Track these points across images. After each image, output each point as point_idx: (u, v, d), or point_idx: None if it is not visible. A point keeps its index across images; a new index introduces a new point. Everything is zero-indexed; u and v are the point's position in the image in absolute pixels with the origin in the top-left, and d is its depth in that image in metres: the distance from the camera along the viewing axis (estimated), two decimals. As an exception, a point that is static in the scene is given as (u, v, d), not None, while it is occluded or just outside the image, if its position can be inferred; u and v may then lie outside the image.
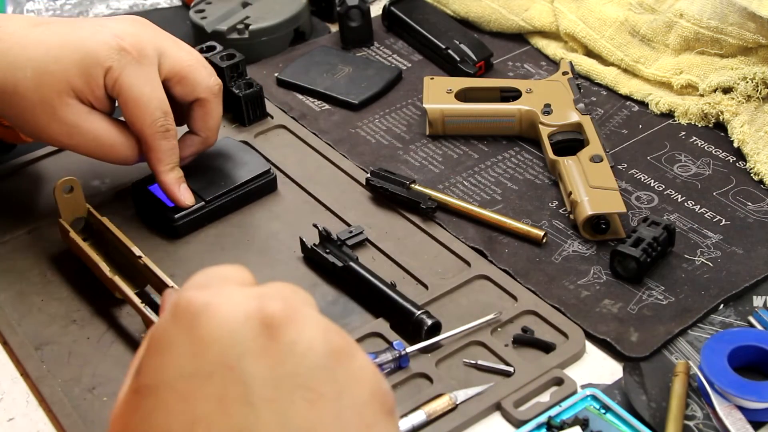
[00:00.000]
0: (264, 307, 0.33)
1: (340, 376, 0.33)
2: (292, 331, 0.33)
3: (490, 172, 0.87)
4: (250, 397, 0.32)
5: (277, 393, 0.32)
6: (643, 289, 0.73)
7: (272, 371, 0.32)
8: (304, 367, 0.33)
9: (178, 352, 0.33)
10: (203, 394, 0.32)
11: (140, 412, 0.33)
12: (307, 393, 0.33)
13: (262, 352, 0.32)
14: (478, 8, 1.05)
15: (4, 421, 0.68)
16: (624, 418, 0.63)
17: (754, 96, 0.88)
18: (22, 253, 0.81)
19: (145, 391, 0.33)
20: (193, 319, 0.33)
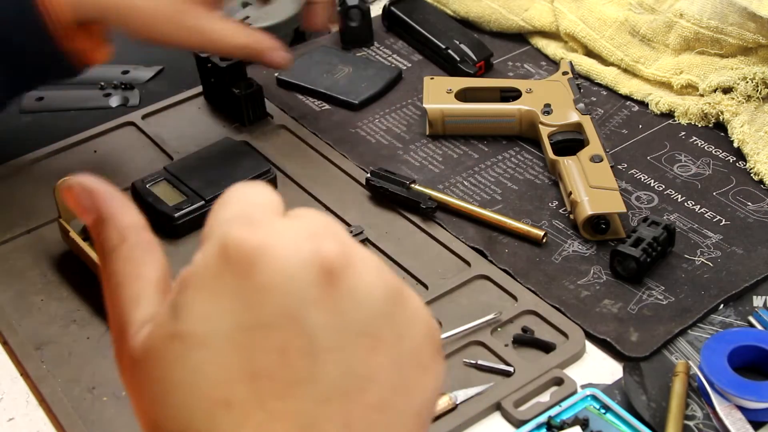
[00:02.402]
0: (320, 250, 0.31)
1: (398, 318, 0.33)
2: (351, 275, 0.32)
3: (490, 172, 0.87)
4: (313, 347, 0.31)
5: (339, 342, 0.31)
6: (643, 289, 0.73)
7: (334, 319, 0.31)
8: (364, 314, 0.32)
9: (231, 300, 0.31)
10: (263, 346, 0.31)
11: (188, 363, 0.31)
12: (368, 340, 0.32)
13: (323, 300, 0.31)
14: (478, 8, 1.05)
15: (4, 421, 0.68)
16: (624, 418, 0.63)
17: (754, 96, 0.88)
18: (22, 253, 0.81)
19: (191, 339, 0.31)
20: (248, 265, 0.31)
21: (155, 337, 0.32)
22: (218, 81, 0.94)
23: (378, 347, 0.32)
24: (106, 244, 0.36)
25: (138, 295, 0.34)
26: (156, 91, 1.02)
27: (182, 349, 0.31)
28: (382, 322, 0.32)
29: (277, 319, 0.31)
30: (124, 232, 0.36)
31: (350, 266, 0.32)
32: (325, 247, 0.32)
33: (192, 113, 0.97)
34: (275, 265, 0.31)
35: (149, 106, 0.98)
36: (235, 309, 0.31)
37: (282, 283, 0.31)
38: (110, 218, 0.36)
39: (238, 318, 0.31)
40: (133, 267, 0.35)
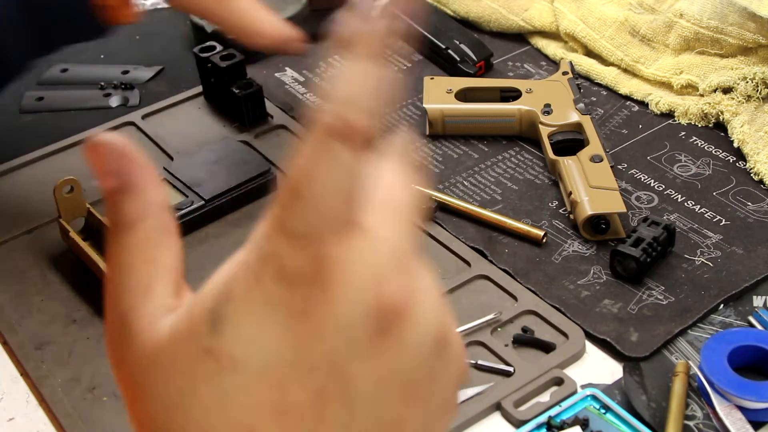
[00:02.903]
0: (383, 296, 0.29)
1: (438, 368, 0.31)
2: (407, 326, 0.29)
3: (490, 172, 0.87)
4: (350, 396, 0.29)
5: (377, 392, 0.30)
6: (643, 289, 0.73)
7: (378, 370, 0.29)
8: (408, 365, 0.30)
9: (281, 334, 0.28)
10: (300, 386, 0.29)
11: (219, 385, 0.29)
12: (406, 390, 0.30)
13: (375, 354, 0.29)
14: (478, 8, 1.05)
15: (4, 421, 0.68)
16: (624, 418, 0.63)
17: (754, 96, 0.88)
18: (22, 253, 0.81)
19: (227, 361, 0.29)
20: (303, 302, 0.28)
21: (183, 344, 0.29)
22: (218, 81, 0.94)
23: (413, 398, 0.31)
24: (123, 218, 0.31)
25: (150, 282, 0.31)
26: (156, 91, 1.02)
27: (215, 369, 0.29)
28: (423, 375, 0.31)
29: (323, 365, 0.29)
30: (147, 208, 0.31)
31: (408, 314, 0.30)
32: (388, 293, 0.29)
33: (192, 113, 0.97)
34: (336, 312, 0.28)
35: (149, 106, 0.98)
36: (282, 342, 0.29)
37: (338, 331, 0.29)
38: (135, 189, 0.31)
39: (283, 352, 0.29)
40: (149, 249, 0.31)
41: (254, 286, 0.29)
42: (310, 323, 0.28)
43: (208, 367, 0.29)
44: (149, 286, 0.31)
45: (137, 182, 0.31)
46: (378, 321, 0.29)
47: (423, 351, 0.30)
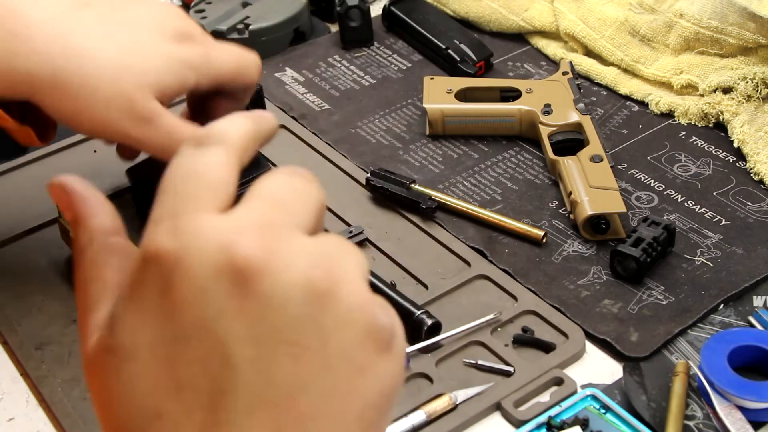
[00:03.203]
0: (235, 255, 0.31)
1: (324, 322, 0.31)
2: (267, 280, 0.31)
3: (490, 172, 0.87)
4: (231, 358, 0.30)
5: (258, 351, 0.31)
6: (643, 289, 0.73)
7: (250, 329, 0.31)
8: (282, 321, 0.31)
9: (153, 313, 0.31)
10: (185, 359, 0.31)
11: (122, 376, 0.32)
12: (290, 347, 0.31)
13: (238, 311, 0.31)
14: (478, 8, 1.05)
15: (4, 421, 0.68)
16: (624, 418, 0.63)
17: (754, 96, 0.88)
18: (22, 253, 0.81)
19: (122, 352, 0.32)
20: (164, 277, 0.31)
21: (97, 347, 0.33)
22: (218, 81, 0.94)
23: (302, 354, 0.31)
24: (77, 244, 0.36)
25: (97, 298, 0.35)
26: (156, 91, 1.01)
27: (115, 362, 0.32)
28: (305, 327, 0.31)
29: (195, 332, 0.31)
30: (92, 234, 0.36)
31: (267, 269, 0.31)
32: (242, 251, 0.31)
33: (192, 113, 0.97)
34: (189, 277, 0.31)
35: (149, 106, 0.98)
36: (158, 322, 0.31)
37: (195, 295, 0.31)
38: (81, 219, 0.37)
39: (159, 331, 0.31)
40: (95, 270, 0.36)
41: (130, 280, 0.32)
42: (173, 294, 0.31)
43: (111, 362, 0.32)
44: (96, 302, 0.35)
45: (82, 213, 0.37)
46: (232, 278, 0.31)
47: (295, 306, 0.31)
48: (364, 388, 0.32)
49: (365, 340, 0.32)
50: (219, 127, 0.35)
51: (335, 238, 0.34)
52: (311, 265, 0.32)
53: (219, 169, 0.34)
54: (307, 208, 0.35)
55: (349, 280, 0.33)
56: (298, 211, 0.34)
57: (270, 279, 0.31)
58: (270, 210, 0.33)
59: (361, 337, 0.32)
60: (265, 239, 0.32)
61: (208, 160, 0.34)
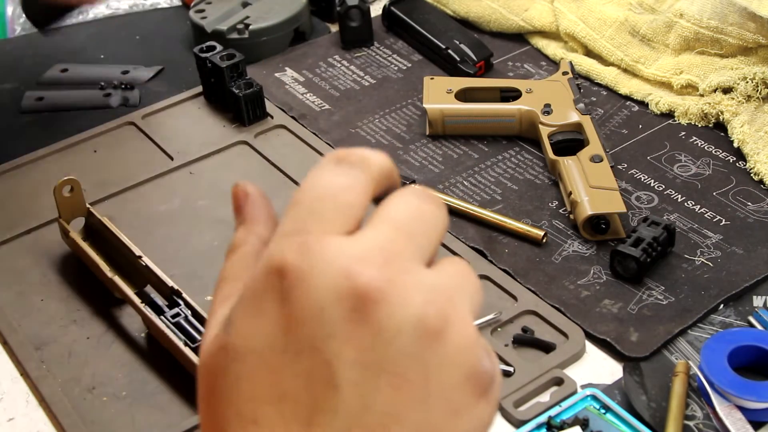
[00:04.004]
0: (357, 282, 0.32)
1: (430, 359, 0.32)
2: (383, 311, 0.32)
3: (490, 172, 0.87)
4: (335, 379, 0.32)
5: (362, 377, 0.32)
6: (643, 289, 0.73)
7: (359, 355, 0.32)
8: (390, 353, 0.32)
9: (269, 321, 0.32)
10: (292, 371, 0.32)
11: (228, 375, 0.33)
12: (393, 378, 0.32)
13: (350, 336, 0.32)
14: (478, 8, 1.05)
15: (4, 421, 0.68)
16: (624, 418, 0.63)
17: (754, 96, 0.88)
18: (22, 253, 0.81)
19: (233, 352, 0.33)
20: (286, 290, 0.32)
21: (213, 343, 0.34)
22: (218, 81, 0.94)
23: (403, 386, 0.32)
24: (233, 241, 0.38)
25: (228, 296, 0.36)
26: (156, 91, 1.02)
27: (225, 360, 0.33)
28: (410, 361, 0.32)
29: (306, 348, 0.32)
30: (249, 237, 0.38)
31: (385, 301, 0.32)
32: (364, 278, 0.32)
33: (192, 113, 0.97)
34: (309, 295, 0.32)
35: (149, 106, 0.98)
36: (272, 330, 0.32)
37: (313, 313, 0.32)
38: (248, 221, 0.38)
39: (272, 339, 0.32)
40: (238, 269, 0.37)
41: (253, 286, 0.33)
42: (292, 308, 0.32)
43: (221, 360, 0.33)
44: (228, 297, 0.36)
45: (251, 216, 0.39)
46: (350, 303, 0.32)
47: (404, 341, 0.32)
48: (456, 429, 0.33)
49: (466, 382, 0.33)
50: (362, 152, 0.36)
51: (453, 268, 0.35)
52: (426, 302, 0.33)
53: (354, 193, 0.35)
54: (433, 238, 0.35)
55: (460, 319, 0.34)
56: (423, 241, 0.34)
57: (386, 310, 0.32)
58: (396, 238, 0.34)
59: (463, 379, 0.33)
60: (387, 270, 0.32)
61: (346, 182, 0.35)
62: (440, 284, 0.34)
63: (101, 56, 1.08)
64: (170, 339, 0.68)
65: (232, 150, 0.92)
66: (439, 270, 0.34)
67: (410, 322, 0.32)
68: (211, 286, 0.80)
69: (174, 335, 0.68)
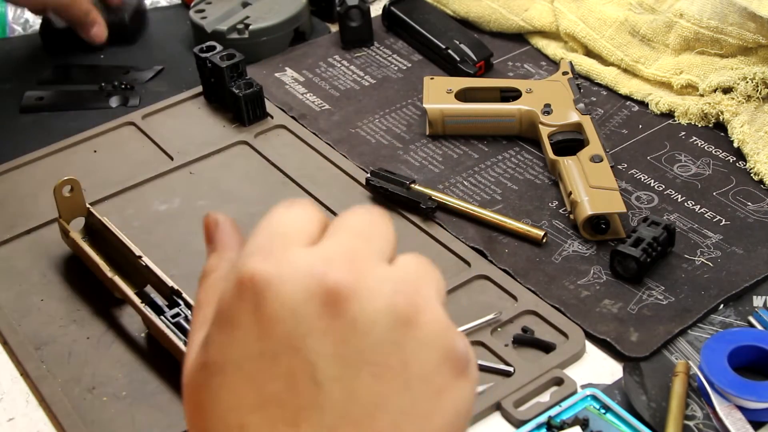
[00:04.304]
0: (326, 280, 0.33)
1: (406, 345, 0.34)
2: (355, 305, 0.33)
3: (490, 172, 0.87)
4: (316, 376, 0.32)
5: (343, 370, 0.33)
6: (643, 289, 0.73)
7: (337, 349, 0.33)
8: (367, 343, 0.33)
9: (243, 331, 0.33)
10: (271, 375, 0.33)
11: (210, 389, 0.34)
12: (373, 368, 0.33)
13: (326, 331, 0.33)
14: (478, 8, 1.05)
15: (4, 421, 0.68)
16: (624, 418, 0.63)
17: (754, 96, 0.88)
18: (22, 253, 0.81)
19: (212, 367, 0.34)
20: (257, 297, 0.33)
21: (193, 364, 0.35)
22: (218, 81, 0.94)
23: (384, 374, 0.33)
24: (205, 267, 0.40)
25: (204, 320, 0.37)
26: (156, 91, 1.02)
27: (205, 376, 0.34)
28: (387, 349, 0.33)
29: (283, 349, 0.33)
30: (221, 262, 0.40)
31: (355, 295, 0.33)
32: (332, 277, 0.33)
33: (192, 113, 0.97)
34: (280, 298, 0.33)
35: (149, 106, 0.98)
36: (247, 339, 0.33)
37: (286, 314, 0.33)
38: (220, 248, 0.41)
39: (249, 348, 0.33)
40: (212, 293, 0.38)
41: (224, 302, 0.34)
42: (264, 311, 0.33)
43: (201, 377, 0.34)
44: (204, 323, 0.36)
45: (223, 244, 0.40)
46: (322, 300, 0.33)
47: (379, 329, 0.33)
48: (441, 410, 0.34)
49: (443, 364, 0.34)
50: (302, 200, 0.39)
51: (413, 261, 0.37)
52: (395, 292, 0.34)
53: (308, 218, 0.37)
54: (386, 240, 0.37)
55: (431, 306, 0.35)
56: (379, 242, 0.36)
57: (358, 303, 0.33)
58: (355, 241, 0.35)
59: (441, 361, 0.34)
60: (353, 266, 0.34)
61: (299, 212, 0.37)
62: (404, 276, 0.35)
63: (101, 56, 1.08)
64: (170, 339, 0.68)
65: (232, 150, 0.92)
66: (400, 265, 0.36)
67: (383, 311, 0.33)
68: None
69: (174, 335, 0.68)
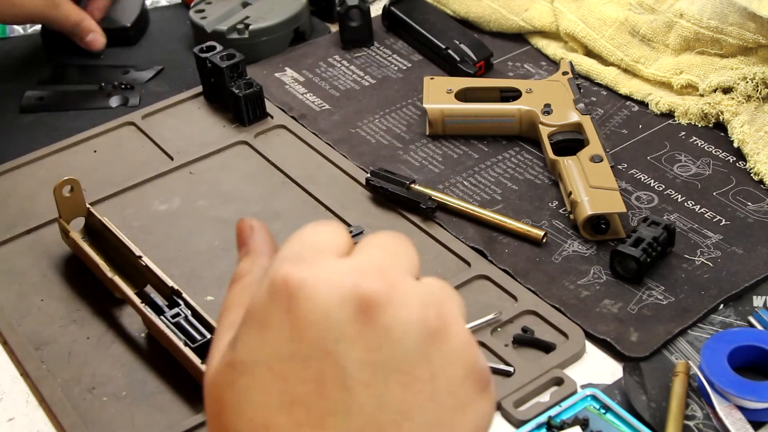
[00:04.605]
0: (360, 288, 0.34)
1: (435, 357, 0.34)
2: (388, 314, 0.34)
3: (490, 172, 0.87)
4: (346, 380, 0.33)
5: (373, 377, 0.33)
6: (643, 289, 0.73)
7: (368, 355, 0.33)
8: (398, 352, 0.33)
9: (275, 332, 0.34)
10: (301, 377, 0.33)
11: (236, 388, 0.34)
12: (402, 376, 0.33)
13: (358, 337, 0.33)
14: (478, 8, 1.05)
15: (4, 421, 0.68)
16: (624, 418, 0.63)
17: (754, 96, 0.88)
18: (22, 253, 0.81)
19: (240, 367, 0.34)
20: (290, 300, 0.34)
21: (219, 363, 0.35)
22: (218, 81, 0.94)
23: (412, 384, 0.34)
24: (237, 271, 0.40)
25: (232, 323, 0.37)
26: (156, 91, 1.02)
27: (232, 376, 0.34)
28: (417, 359, 0.34)
29: (314, 352, 0.33)
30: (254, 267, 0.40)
31: (388, 304, 0.34)
32: (365, 285, 0.34)
33: (192, 113, 0.97)
34: (314, 302, 0.33)
35: (149, 106, 0.98)
36: (278, 340, 0.33)
37: (319, 319, 0.33)
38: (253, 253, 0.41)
39: (279, 349, 0.33)
40: (242, 297, 0.38)
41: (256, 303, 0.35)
42: (297, 313, 0.33)
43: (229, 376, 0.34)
44: (233, 324, 0.37)
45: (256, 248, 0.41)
46: (358, 307, 0.33)
47: (411, 339, 0.34)
48: (463, 423, 0.35)
49: (467, 378, 0.35)
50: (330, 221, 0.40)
51: (437, 282, 0.37)
52: (425, 305, 0.35)
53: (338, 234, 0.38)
54: (412, 259, 0.38)
55: (456, 321, 0.36)
56: (406, 259, 0.37)
57: (391, 312, 0.34)
58: (384, 255, 0.36)
59: (465, 375, 0.35)
60: (385, 277, 0.35)
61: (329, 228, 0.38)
62: (431, 291, 0.36)
63: (101, 56, 1.08)
64: (170, 339, 0.68)
65: (232, 150, 0.92)
66: (426, 282, 0.37)
67: (415, 322, 0.34)
68: (211, 285, 0.80)
69: (174, 335, 0.68)
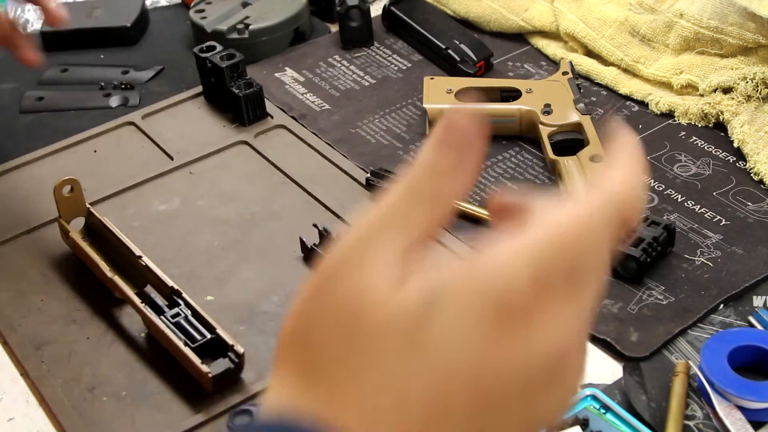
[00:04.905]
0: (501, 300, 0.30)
1: (553, 382, 0.31)
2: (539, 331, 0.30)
3: (490, 172, 0.87)
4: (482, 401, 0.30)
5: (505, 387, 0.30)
6: (643, 289, 0.73)
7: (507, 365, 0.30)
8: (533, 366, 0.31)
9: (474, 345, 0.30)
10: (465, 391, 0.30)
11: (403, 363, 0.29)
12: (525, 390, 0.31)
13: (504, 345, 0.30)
14: (478, 8, 1.05)
15: (4, 421, 0.68)
16: (624, 418, 0.63)
17: (754, 96, 0.88)
18: (22, 253, 0.81)
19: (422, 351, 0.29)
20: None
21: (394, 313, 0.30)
22: (218, 81, 0.94)
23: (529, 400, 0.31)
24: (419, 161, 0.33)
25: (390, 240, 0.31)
26: (156, 91, 1.02)
27: (407, 347, 0.29)
28: (542, 381, 0.31)
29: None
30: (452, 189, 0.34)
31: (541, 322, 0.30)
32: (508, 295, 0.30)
33: (192, 113, 0.97)
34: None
35: (149, 106, 0.98)
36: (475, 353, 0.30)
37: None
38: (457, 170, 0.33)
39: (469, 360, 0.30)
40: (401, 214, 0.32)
41: (475, 299, 0.30)
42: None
43: (399, 344, 0.29)
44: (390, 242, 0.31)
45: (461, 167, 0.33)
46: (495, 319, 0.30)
47: (547, 359, 0.30)
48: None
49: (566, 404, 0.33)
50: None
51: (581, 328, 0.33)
52: (570, 334, 0.31)
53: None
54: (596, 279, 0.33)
55: (576, 368, 0.32)
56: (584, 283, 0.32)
57: (542, 331, 0.30)
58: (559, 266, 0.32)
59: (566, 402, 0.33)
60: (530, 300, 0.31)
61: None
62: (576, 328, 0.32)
63: (101, 56, 1.08)
64: (170, 339, 0.68)
65: (232, 150, 0.92)
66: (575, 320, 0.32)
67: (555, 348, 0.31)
68: (211, 285, 0.80)
69: (174, 335, 0.68)
